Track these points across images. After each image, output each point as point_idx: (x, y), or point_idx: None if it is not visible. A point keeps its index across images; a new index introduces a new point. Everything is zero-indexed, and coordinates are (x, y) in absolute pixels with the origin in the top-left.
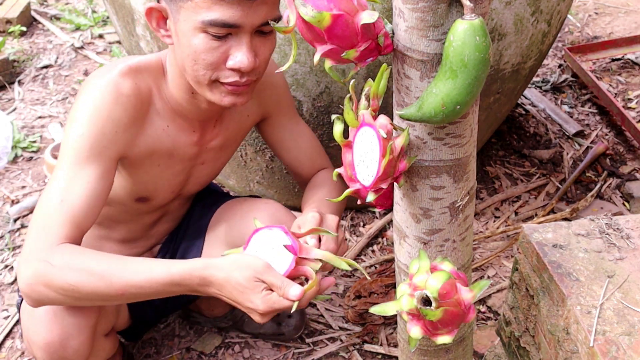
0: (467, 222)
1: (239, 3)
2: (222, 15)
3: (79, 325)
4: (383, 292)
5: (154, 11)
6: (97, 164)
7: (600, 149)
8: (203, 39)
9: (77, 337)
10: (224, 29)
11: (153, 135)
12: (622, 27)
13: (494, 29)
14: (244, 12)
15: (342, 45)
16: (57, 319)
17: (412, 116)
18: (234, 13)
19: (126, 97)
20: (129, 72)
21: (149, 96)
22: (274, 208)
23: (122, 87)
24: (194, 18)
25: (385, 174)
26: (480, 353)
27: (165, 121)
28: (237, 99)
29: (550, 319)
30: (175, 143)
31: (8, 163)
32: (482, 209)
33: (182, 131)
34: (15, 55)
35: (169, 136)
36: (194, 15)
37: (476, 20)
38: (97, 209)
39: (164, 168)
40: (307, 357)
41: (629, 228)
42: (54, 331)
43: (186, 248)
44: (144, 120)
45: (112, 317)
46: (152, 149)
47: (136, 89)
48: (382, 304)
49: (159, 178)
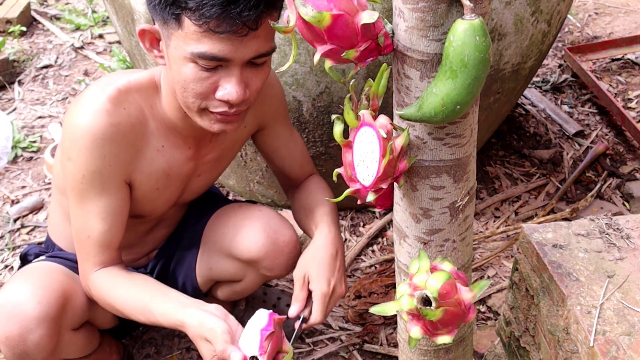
0: (467, 222)
1: (228, 38)
2: (211, 49)
3: (38, 319)
4: (383, 292)
5: (147, 33)
6: (105, 195)
7: (600, 149)
8: (192, 68)
9: (36, 331)
10: (213, 62)
11: (148, 157)
12: (622, 27)
13: (494, 29)
14: (234, 46)
15: (342, 45)
16: (16, 313)
17: (412, 116)
18: (223, 47)
19: (116, 127)
20: (117, 96)
21: (141, 118)
22: (269, 216)
23: (111, 116)
24: (183, 48)
25: (385, 174)
26: (480, 353)
27: (159, 141)
28: (226, 126)
29: (550, 319)
30: (171, 162)
31: (8, 163)
32: (482, 209)
33: (177, 149)
34: (15, 55)
35: (164, 156)
36: (183, 45)
37: (476, 20)
38: (120, 227)
39: (161, 189)
40: (307, 357)
41: (629, 228)
42: (13, 325)
43: (180, 256)
44: (138, 144)
45: (79, 312)
46: (148, 171)
47: (126, 115)
48: (382, 304)
49: (157, 198)
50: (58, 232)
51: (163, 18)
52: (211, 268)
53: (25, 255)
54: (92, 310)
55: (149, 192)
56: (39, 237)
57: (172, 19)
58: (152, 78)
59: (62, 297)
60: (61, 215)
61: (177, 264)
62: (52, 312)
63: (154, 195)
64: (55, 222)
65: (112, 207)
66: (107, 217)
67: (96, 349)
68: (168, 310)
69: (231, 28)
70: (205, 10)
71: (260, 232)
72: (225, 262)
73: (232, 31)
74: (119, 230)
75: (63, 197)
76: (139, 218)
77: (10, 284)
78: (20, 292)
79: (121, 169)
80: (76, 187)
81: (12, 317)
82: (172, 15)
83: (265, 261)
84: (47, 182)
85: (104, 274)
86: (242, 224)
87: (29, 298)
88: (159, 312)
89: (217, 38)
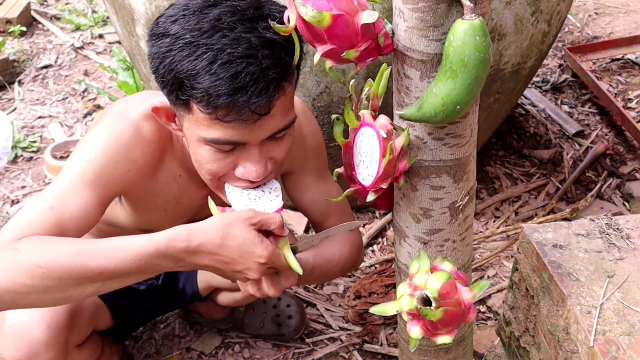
0: (467, 222)
1: (240, 125)
2: (223, 135)
3: (47, 342)
4: (383, 292)
5: (160, 110)
6: (98, 191)
7: (600, 149)
8: (208, 150)
9: (44, 354)
10: (228, 146)
11: (163, 182)
12: (622, 27)
13: (494, 29)
14: (247, 130)
15: (342, 45)
16: (25, 335)
17: (412, 116)
18: (236, 133)
19: (146, 142)
20: (152, 114)
21: (168, 140)
22: None
23: (144, 131)
24: (196, 132)
25: (385, 174)
26: (480, 353)
27: (179, 168)
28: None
29: (550, 319)
30: (184, 193)
31: (8, 163)
32: (482, 209)
33: (193, 183)
34: (15, 55)
35: (178, 185)
36: (195, 129)
37: (476, 20)
38: (81, 231)
39: (169, 213)
40: (307, 357)
41: (629, 228)
42: (22, 348)
43: None
44: (159, 165)
45: (85, 328)
46: (159, 193)
47: (157, 134)
48: (382, 304)
49: (163, 219)
50: None
51: (172, 101)
52: (212, 275)
53: None
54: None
55: (155, 211)
56: None
57: (180, 103)
58: None
59: (69, 318)
60: None
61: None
62: (60, 336)
63: (160, 215)
64: None
65: (94, 206)
66: (84, 210)
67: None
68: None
69: (240, 117)
70: (212, 100)
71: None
72: None
73: (241, 120)
74: (78, 232)
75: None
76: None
77: None
78: (28, 314)
79: (132, 179)
80: (81, 164)
81: (20, 341)
82: (180, 100)
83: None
84: (47, 182)
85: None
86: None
87: (37, 321)
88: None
89: (228, 126)
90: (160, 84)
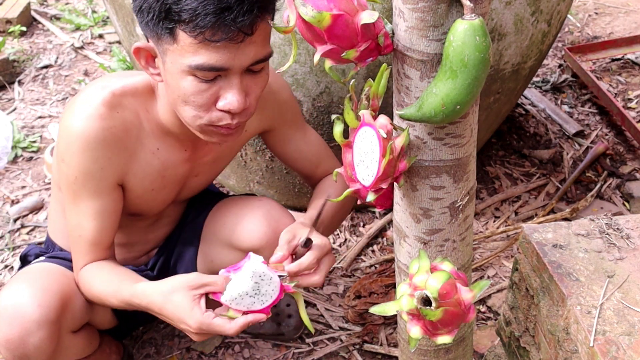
0: (467, 222)
1: (225, 47)
2: (208, 60)
3: (39, 322)
4: (383, 292)
5: (141, 50)
6: (97, 197)
7: (600, 149)
8: (191, 82)
9: (36, 334)
10: (212, 73)
11: (142, 160)
12: (622, 27)
13: (494, 29)
14: (232, 54)
15: (342, 45)
16: (17, 315)
17: (412, 116)
18: (221, 57)
19: (109, 131)
20: (112, 100)
21: (135, 122)
22: (269, 205)
23: (105, 120)
24: (180, 61)
25: (385, 174)
26: (480, 353)
27: (155, 143)
28: (226, 138)
29: (550, 319)
30: (166, 164)
31: (8, 163)
32: (482, 209)
33: (173, 151)
34: (15, 55)
35: (159, 158)
36: (180, 58)
37: (476, 20)
38: (112, 227)
39: (157, 190)
40: (307, 357)
41: (629, 228)
42: (14, 328)
43: (181, 251)
44: (132, 147)
45: (79, 314)
46: (143, 173)
47: (120, 119)
48: (382, 304)
49: (153, 199)
50: (58, 230)
51: (157, 34)
52: (212, 260)
53: (26, 256)
54: (92, 310)
55: (144, 193)
56: (39, 237)
57: (166, 34)
58: (149, 82)
59: (62, 300)
60: (61, 213)
61: (178, 259)
62: (52, 315)
63: (149, 196)
64: (55, 220)
65: (103, 208)
66: (99, 218)
67: (96, 350)
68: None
69: (227, 35)
70: (200, 20)
71: (261, 221)
72: (227, 253)
73: (228, 39)
74: (111, 229)
75: (62, 194)
76: (136, 216)
77: (10, 286)
78: (21, 295)
79: (114, 171)
80: (70, 187)
81: (13, 320)
82: (165, 30)
83: (267, 250)
84: (47, 182)
85: (90, 267)
86: (243, 213)
87: (29, 301)
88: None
89: (214, 48)
90: (146, 18)
